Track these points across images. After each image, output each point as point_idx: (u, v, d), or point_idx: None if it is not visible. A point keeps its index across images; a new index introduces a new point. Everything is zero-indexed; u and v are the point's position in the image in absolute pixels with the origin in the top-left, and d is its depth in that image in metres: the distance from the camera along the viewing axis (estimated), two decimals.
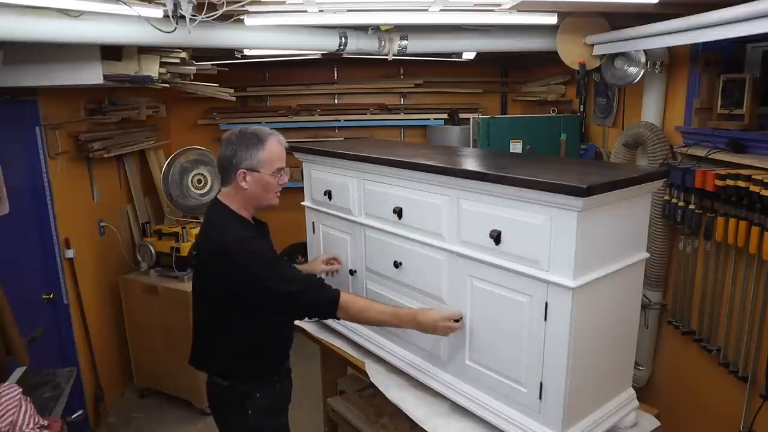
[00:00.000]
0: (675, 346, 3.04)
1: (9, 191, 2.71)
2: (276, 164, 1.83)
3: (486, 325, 1.78)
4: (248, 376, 1.93)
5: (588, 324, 1.59)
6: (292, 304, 1.79)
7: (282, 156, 1.86)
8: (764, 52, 2.51)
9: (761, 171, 2.20)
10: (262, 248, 1.81)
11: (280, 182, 1.87)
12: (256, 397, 1.92)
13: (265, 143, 1.81)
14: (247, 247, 1.77)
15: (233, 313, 1.85)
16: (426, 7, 2.58)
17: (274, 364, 2.01)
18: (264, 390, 1.94)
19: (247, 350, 1.90)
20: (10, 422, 1.78)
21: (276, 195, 1.89)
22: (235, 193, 1.85)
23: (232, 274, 1.77)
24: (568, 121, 3.76)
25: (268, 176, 1.83)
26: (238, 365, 1.92)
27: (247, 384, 1.92)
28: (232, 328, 1.87)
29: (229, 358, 1.92)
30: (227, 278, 1.79)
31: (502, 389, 1.76)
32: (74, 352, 3.35)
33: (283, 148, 1.87)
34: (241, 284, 1.77)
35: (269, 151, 1.81)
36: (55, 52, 2.75)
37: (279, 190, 1.89)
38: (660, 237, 2.90)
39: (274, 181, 1.85)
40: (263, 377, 1.95)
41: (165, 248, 3.75)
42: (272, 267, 1.78)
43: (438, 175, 1.83)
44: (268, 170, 1.82)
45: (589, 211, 1.48)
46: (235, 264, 1.75)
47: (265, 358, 1.96)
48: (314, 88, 4.91)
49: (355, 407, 2.42)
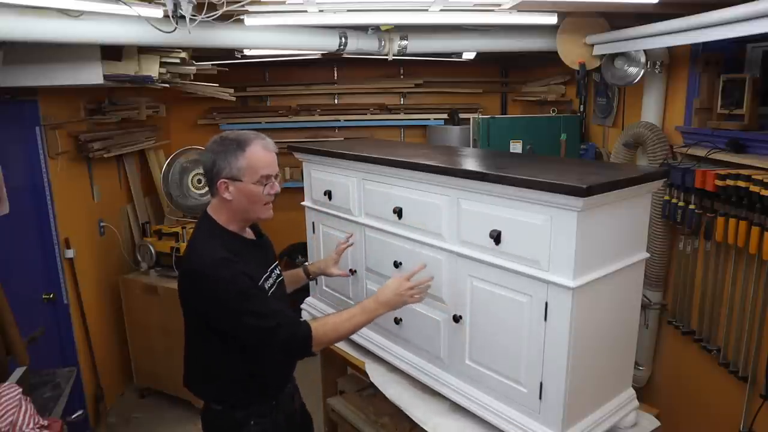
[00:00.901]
0: (675, 346, 3.03)
1: (9, 191, 2.70)
2: (260, 171, 1.64)
3: (486, 325, 1.78)
4: (243, 402, 1.75)
5: (588, 324, 1.59)
6: (268, 339, 1.61)
7: (268, 162, 1.66)
8: (764, 52, 2.51)
9: (761, 171, 2.20)
10: (235, 275, 1.58)
11: (269, 192, 1.67)
12: (251, 425, 1.75)
13: (246, 149, 1.62)
14: (220, 274, 1.57)
15: (216, 336, 1.68)
16: (426, 7, 2.58)
17: (272, 389, 1.82)
18: (261, 417, 1.78)
19: (240, 375, 1.73)
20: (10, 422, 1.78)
21: (266, 206, 1.69)
22: (221, 205, 1.69)
23: (203, 300, 1.63)
24: (568, 121, 3.76)
25: (252, 186, 1.63)
26: (231, 390, 1.75)
27: (243, 410, 1.75)
28: (219, 353, 1.71)
29: (220, 383, 1.75)
30: (199, 303, 1.65)
31: (502, 389, 1.76)
32: (74, 352, 3.35)
33: (269, 153, 1.67)
34: (213, 312, 1.63)
35: (251, 158, 1.62)
36: (55, 52, 2.75)
37: (270, 201, 1.69)
38: (660, 237, 2.90)
39: (259, 190, 1.65)
40: (260, 403, 1.78)
41: (165, 248, 3.75)
42: (244, 298, 1.58)
43: (438, 175, 1.83)
44: (251, 179, 1.63)
45: (589, 211, 1.48)
46: (206, 290, 1.60)
47: (261, 383, 1.77)
48: (314, 88, 4.91)
49: (355, 407, 2.42)
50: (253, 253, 1.77)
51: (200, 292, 1.63)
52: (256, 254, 1.78)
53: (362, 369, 2.31)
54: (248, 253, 1.72)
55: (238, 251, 1.66)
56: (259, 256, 1.81)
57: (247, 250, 1.73)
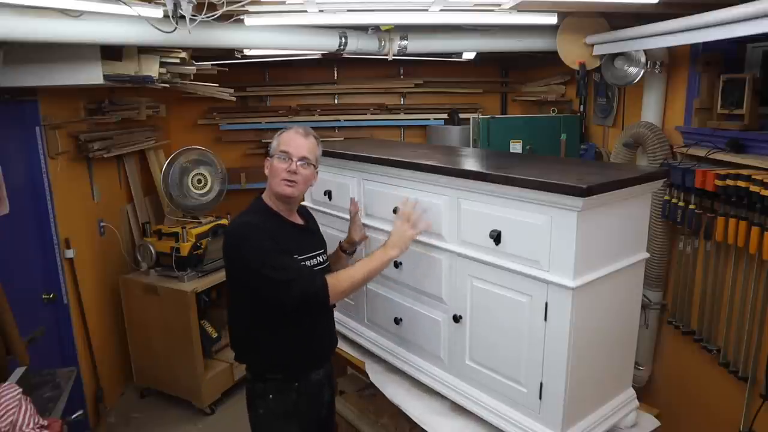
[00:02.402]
0: (675, 346, 3.03)
1: (9, 191, 2.71)
2: (281, 147, 1.84)
3: (486, 325, 1.78)
4: (265, 374, 1.89)
5: (588, 324, 1.59)
6: (285, 292, 1.71)
7: (291, 141, 1.84)
8: (764, 52, 2.51)
9: (761, 171, 2.20)
10: (256, 235, 1.75)
11: (287, 168, 1.81)
12: (269, 399, 1.87)
13: (283, 132, 1.88)
14: (244, 232, 1.77)
15: (244, 301, 1.84)
16: (426, 7, 2.58)
17: (295, 369, 1.90)
18: (279, 394, 1.87)
19: (264, 344, 1.86)
20: (10, 422, 1.78)
21: (282, 182, 1.82)
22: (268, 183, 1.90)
23: (230, 260, 1.83)
24: (568, 121, 3.76)
25: (275, 160, 1.84)
26: (256, 359, 1.90)
27: (263, 382, 1.88)
28: (247, 317, 1.86)
29: (249, 350, 1.91)
30: (228, 261, 1.85)
31: (502, 389, 1.76)
32: (74, 352, 3.35)
33: (297, 135, 1.86)
34: (237, 269, 1.81)
35: (280, 138, 1.86)
36: (55, 52, 2.74)
37: (287, 177, 1.81)
38: (660, 237, 2.90)
39: (280, 165, 1.82)
40: (282, 379, 1.88)
41: (165, 248, 3.75)
42: (264, 254, 1.72)
43: (438, 175, 1.83)
44: (275, 154, 1.84)
45: (589, 211, 1.48)
46: (232, 249, 1.80)
47: (283, 357, 1.87)
48: (314, 88, 4.91)
49: (355, 407, 2.42)
50: (292, 234, 1.90)
51: (228, 252, 1.83)
52: (295, 235, 1.91)
53: (362, 369, 2.31)
54: (285, 232, 1.86)
55: (269, 224, 1.82)
56: (300, 238, 1.93)
57: (284, 229, 1.87)
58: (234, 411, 3.72)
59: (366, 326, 2.38)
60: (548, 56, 3.27)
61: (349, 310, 2.47)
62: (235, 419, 3.42)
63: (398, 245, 1.85)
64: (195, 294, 3.57)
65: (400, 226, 1.89)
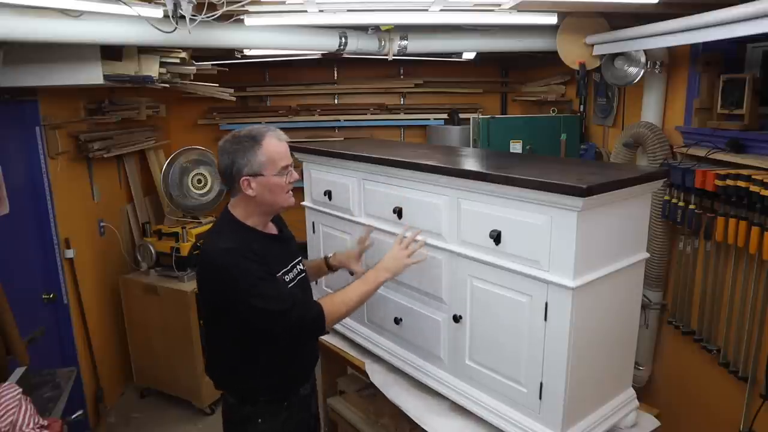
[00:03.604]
0: (675, 346, 3.03)
1: (9, 191, 2.71)
2: (279, 163, 1.68)
3: (486, 325, 1.78)
4: (253, 398, 1.78)
5: (588, 324, 1.59)
6: (279, 322, 1.62)
7: (284, 152, 1.71)
8: (764, 52, 2.51)
9: (761, 171, 2.20)
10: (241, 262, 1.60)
11: (289, 180, 1.72)
12: (258, 423, 1.77)
13: (262, 143, 1.66)
14: (227, 261, 1.60)
15: (229, 327, 1.71)
16: (426, 7, 2.58)
17: (285, 389, 1.82)
18: (269, 416, 1.78)
19: (252, 369, 1.75)
20: (10, 422, 1.78)
21: (288, 195, 1.74)
22: (240, 201, 1.72)
23: (214, 290, 1.68)
24: (568, 121, 3.76)
25: (273, 177, 1.68)
26: (243, 384, 1.79)
27: (253, 406, 1.78)
28: (232, 344, 1.74)
29: (234, 375, 1.79)
30: (212, 292, 1.70)
31: (502, 389, 1.76)
32: (74, 352, 3.35)
33: (283, 144, 1.72)
34: (224, 301, 1.65)
35: (269, 152, 1.66)
36: (55, 52, 2.74)
37: (290, 189, 1.74)
38: (660, 237, 2.90)
39: (281, 181, 1.69)
40: (271, 402, 1.79)
41: (165, 248, 3.75)
42: (253, 283, 1.60)
43: (438, 175, 1.83)
44: (272, 171, 1.67)
45: (589, 211, 1.48)
46: (216, 279, 1.64)
47: (272, 380, 1.78)
48: (314, 88, 4.91)
49: (355, 407, 2.42)
50: (272, 247, 1.77)
51: (211, 282, 1.69)
52: (275, 248, 1.79)
53: (362, 369, 2.31)
54: (265, 247, 1.73)
55: (253, 245, 1.67)
56: (279, 250, 1.81)
57: (263, 244, 1.73)
58: None
59: (366, 326, 2.38)
60: (548, 56, 3.27)
61: None
62: None
63: (391, 269, 1.80)
64: (195, 294, 3.57)
65: (397, 251, 1.82)
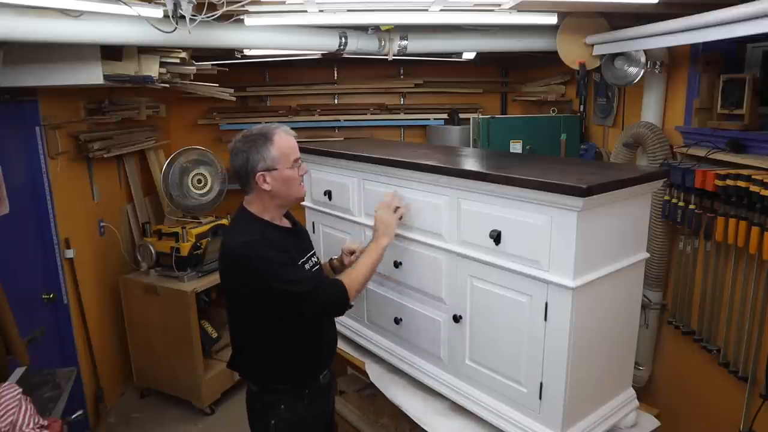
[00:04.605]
0: (675, 346, 3.03)
1: (9, 191, 2.71)
2: (291, 156, 1.77)
3: (486, 325, 1.78)
4: (275, 386, 1.84)
5: (588, 324, 1.59)
6: (306, 304, 1.71)
7: (294, 146, 1.79)
8: (764, 52, 2.51)
9: (761, 171, 2.20)
10: (263, 251, 1.69)
11: (300, 173, 1.81)
12: (281, 409, 1.83)
13: (273, 139, 1.74)
14: (249, 252, 1.69)
15: (252, 317, 1.78)
16: (426, 7, 2.58)
17: (305, 376, 1.87)
18: (291, 403, 1.84)
19: (274, 357, 1.83)
20: (10, 422, 1.78)
21: (300, 186, 1.83)
22: (258, 197, 1.79)
23: (239, 280, 1.74)
24: (568, 121, 3.76)
25: (287, 171, 1.76)
26: (266, 372, 1.85)
27: (274, 394, 1.84)
28: (255, 333, 1.81)
29: (256, 364, 1.86)
30: (236, 284, 1.76)
31: (502, 389, 1.76)
32: (74, 352, 3.35)
33: (291, 138, 1.80)
34: (250, 289, 1.72)
35: (280, 147, 1.75)
36: (55, 52, 2.74)
37: (302, 180, 1.83)
38: (660, 237, 2.90)
39: (294, 173, 1.78)
40: (292, 389, 1.85)
41: (165, 248, 3.75)
42: (279, 269, 1.69)
43: (438, 175, 1.83)
44: (285, 165, 1.75)
45: (589, 211, 1.48)
46: (240, 270, 1.71)
47: (294, 367, 1.84)
48: (314, 88, 4.90)
49: (355, 407, 2.42)
50: (290, 240, 1.85)
51: (234, 274, 1.76)
52: (292, 241, 1.87)
53: (362, 369, 2.31)
54: (284, 239, 1.82)
55: (271, 236, 1.76)
56: (296, 242, 1.89)
57: (282, 236, 1.82)
58: (234, 411, 3.72)
59: (366, 326, 2.38)
60: (548, 56, 3.27)
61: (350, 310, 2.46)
62: (235, 419, 3.41)
63: (386, 233, 1.91)
64: (195, 294, 3.57)
65: (383, 214, 1.93)
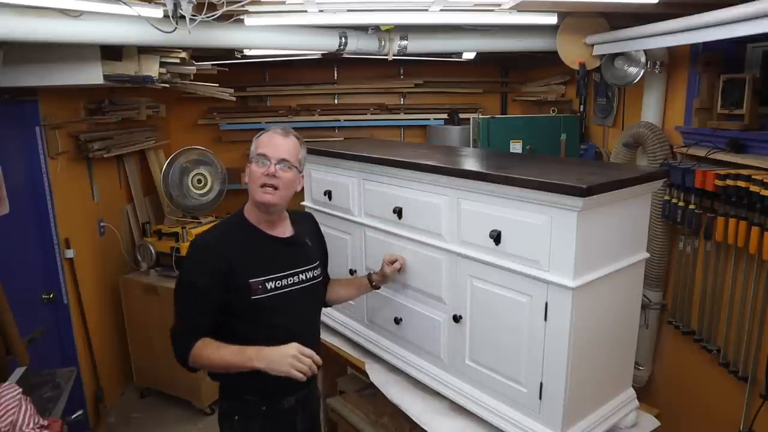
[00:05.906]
0: (675, 346, 3.03)
1: (9, 191, 2.71)
2: (258, 150, 1.66)
3: (486, 326, 1.78)
4: (233, 393, 1.79)
5: (588, 324, 1.59)
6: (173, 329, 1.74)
7: (267, 142, 1.67)
8: (764, 52, 2.51)
9: (761, 171, 2.20)
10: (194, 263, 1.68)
11: (265, 172, 1.63)
12: (234, 420, 1.77)
13: (262, 134, 1.71)
14: (189, 255, 1.72)
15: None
16: (426, 7, 2.58)
17: (263, 394, 1.75)
18: (245, 417, 1.77)
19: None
20: (10, 422, 1.78)
21: (261, 188, 1.64)
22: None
23: None
24: (568, 121, 3.76)
25: (253, 165, 1.66)
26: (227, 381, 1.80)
27: (231, 403, 1.79)
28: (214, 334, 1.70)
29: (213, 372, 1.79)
30: None
31: (502, 389, 1.76)
32: (74, 352, 3.35)
33: (274, 135, 1.68)
34: None
35: (259, 140, 1.69)
36: (55, 52, 2.74)
37: (266, 182, 1.63)
38: (660, 237, 2.90)
39: (255, 169, 1.65)
40: (250, 403, 1.75)
41: (165, 248, 3.75)
42: (181, 282, 1.70)
43: (438, 175, 1.83)
44: (252, 158, 1.67)
45: (589, 211, 1.48)
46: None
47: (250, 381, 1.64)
48: (314, 88, 4.91)
49: (355, 407, 2.42)
50: (267, 248, 1.72)
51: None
52: (272, 250, 1.73)
53: (362, 369, 2.31)
54: (259, 246, 1.71)
55: (232, 238, 1.69)
56: (277, 254, 1.74)
57: (257, 242, 1.71)
58: None
59: (366, 326, 2.38)
60: (548, 56, 3.27)
61: (350, 310, 2.47)
62: None
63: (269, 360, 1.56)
64: None
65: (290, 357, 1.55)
